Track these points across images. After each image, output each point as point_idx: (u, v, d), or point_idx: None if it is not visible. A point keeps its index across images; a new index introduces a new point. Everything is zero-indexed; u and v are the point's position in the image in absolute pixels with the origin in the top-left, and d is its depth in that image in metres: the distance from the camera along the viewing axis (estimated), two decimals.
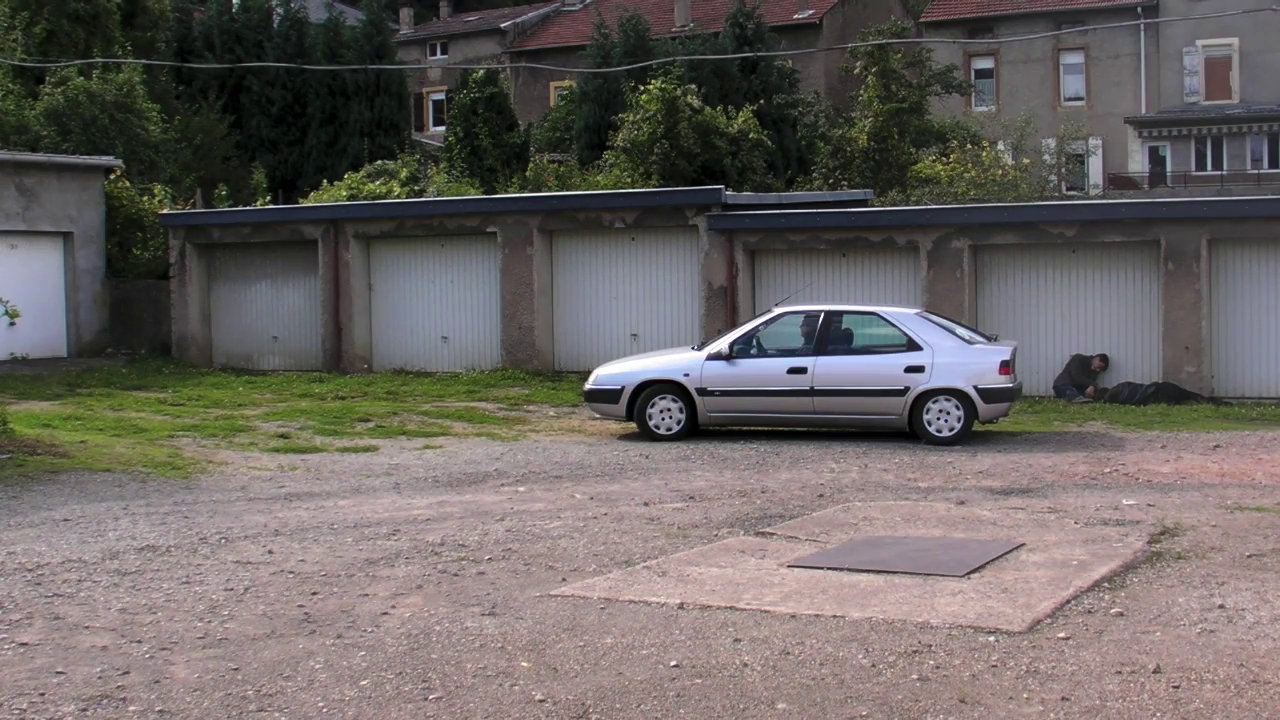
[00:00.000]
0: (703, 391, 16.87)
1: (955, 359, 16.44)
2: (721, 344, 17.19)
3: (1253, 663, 7.01)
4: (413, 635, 7.71)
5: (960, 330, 17.27)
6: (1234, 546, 9.88)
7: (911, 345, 16.53)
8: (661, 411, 16.95)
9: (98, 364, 25.59)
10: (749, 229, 22.38)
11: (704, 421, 17.07)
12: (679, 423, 16.94)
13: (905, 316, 17.09)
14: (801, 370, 16.69)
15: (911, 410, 16.38)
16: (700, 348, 17.62)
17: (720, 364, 16.91)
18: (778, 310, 17.77)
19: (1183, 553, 9.68)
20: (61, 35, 35.21)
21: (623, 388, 17.14)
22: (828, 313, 17.19)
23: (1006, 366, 16.48)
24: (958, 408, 16.29)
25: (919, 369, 16.38)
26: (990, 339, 17.66)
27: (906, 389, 16.38)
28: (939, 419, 16.31)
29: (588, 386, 17.74)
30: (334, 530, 11.04)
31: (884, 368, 16.61)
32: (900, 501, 12.19)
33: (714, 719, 6.33)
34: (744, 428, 17.50)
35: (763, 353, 17.11)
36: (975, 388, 16.29)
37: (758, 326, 17.43)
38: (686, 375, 16.95)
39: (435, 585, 8.97)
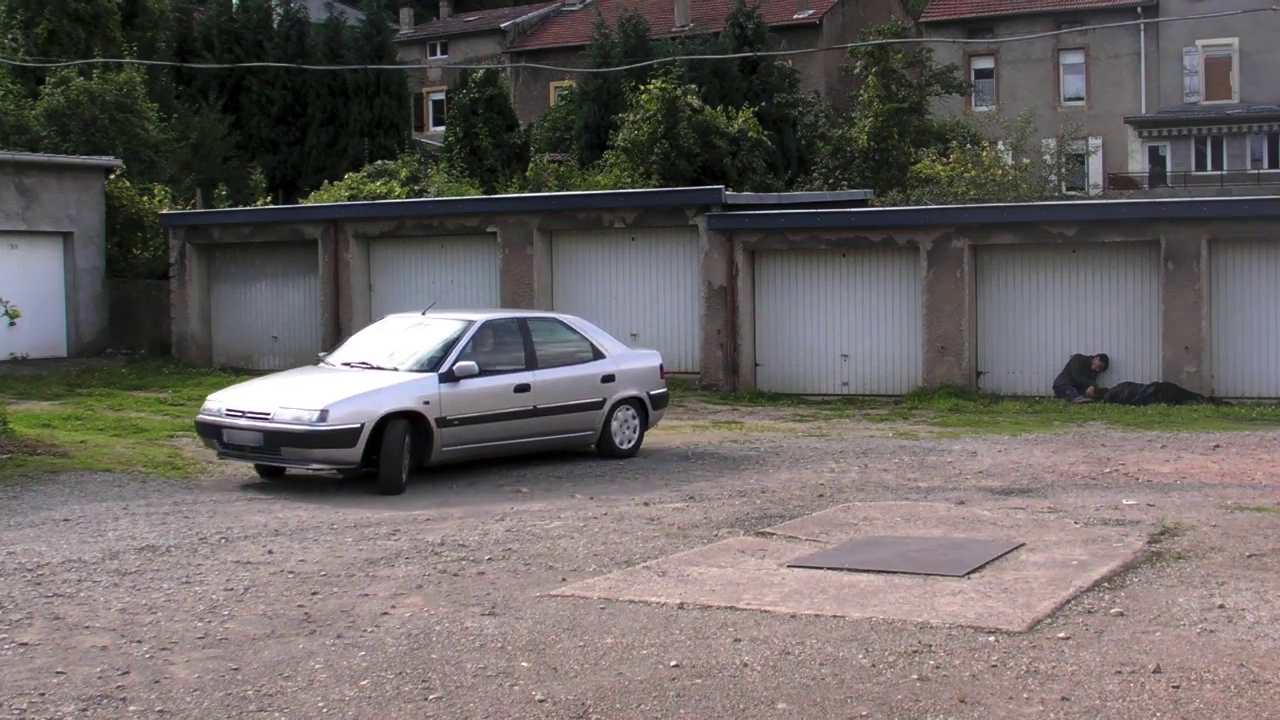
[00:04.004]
0: (442, 422, 13.51)
1: (632, 365, 15.49)
2: (442, 360, 13.85)
3: (1253, 663, 7.01)
4: (413, 635, 7.72)
5: (610, 335, 16.36)
6: (1234, 546, 9.88)
7: (597, 353, 15.24)
8: (407, 450, 13.26)
9: (98, 364, 25.58)
10: (749, 229, 22.37)
11: (438, 459, 13.63)
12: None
13: (581, 323, 15.87)
14: (525, 388, 14.36)
15: (604, 423, 15.01)
16: (381, 366, 14.07)
17: (449, 386, 13.65)
18: (481, 317, 14.81)
19: (1183, 553, 9.68)
20: (62, 35, 35.21)
21: (361, 425, 12.88)
22: (522, 320, 15.29)
23: (663, 370, 16.02)
24: (634, 417, 15.28)
25: (611, 378, 15.13)
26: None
27: (603, 400, 15.01)
28: (621, 430, 15.13)
29: (303, 427, 12.84)
30: (334, 530, 11.04)
31: (587, 380, 14.99)
32: (900, 501, 12.19)
33: (714, 719, 6.33)
34: (472, 460, 14.27)
35: (481, 370, 14.04)
36: (649, 394, 15.44)
37: (458, 338, 14.18)
38: (426, 403, 13.39)
39: (435, 585, 8.97)
